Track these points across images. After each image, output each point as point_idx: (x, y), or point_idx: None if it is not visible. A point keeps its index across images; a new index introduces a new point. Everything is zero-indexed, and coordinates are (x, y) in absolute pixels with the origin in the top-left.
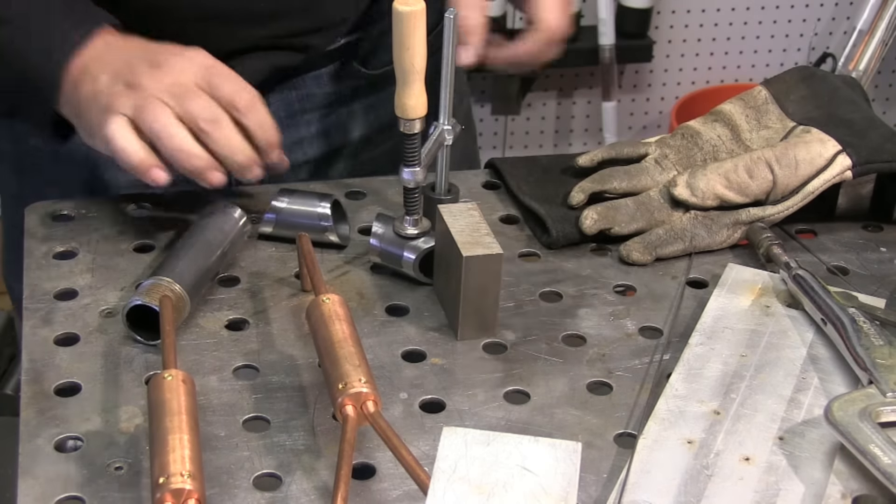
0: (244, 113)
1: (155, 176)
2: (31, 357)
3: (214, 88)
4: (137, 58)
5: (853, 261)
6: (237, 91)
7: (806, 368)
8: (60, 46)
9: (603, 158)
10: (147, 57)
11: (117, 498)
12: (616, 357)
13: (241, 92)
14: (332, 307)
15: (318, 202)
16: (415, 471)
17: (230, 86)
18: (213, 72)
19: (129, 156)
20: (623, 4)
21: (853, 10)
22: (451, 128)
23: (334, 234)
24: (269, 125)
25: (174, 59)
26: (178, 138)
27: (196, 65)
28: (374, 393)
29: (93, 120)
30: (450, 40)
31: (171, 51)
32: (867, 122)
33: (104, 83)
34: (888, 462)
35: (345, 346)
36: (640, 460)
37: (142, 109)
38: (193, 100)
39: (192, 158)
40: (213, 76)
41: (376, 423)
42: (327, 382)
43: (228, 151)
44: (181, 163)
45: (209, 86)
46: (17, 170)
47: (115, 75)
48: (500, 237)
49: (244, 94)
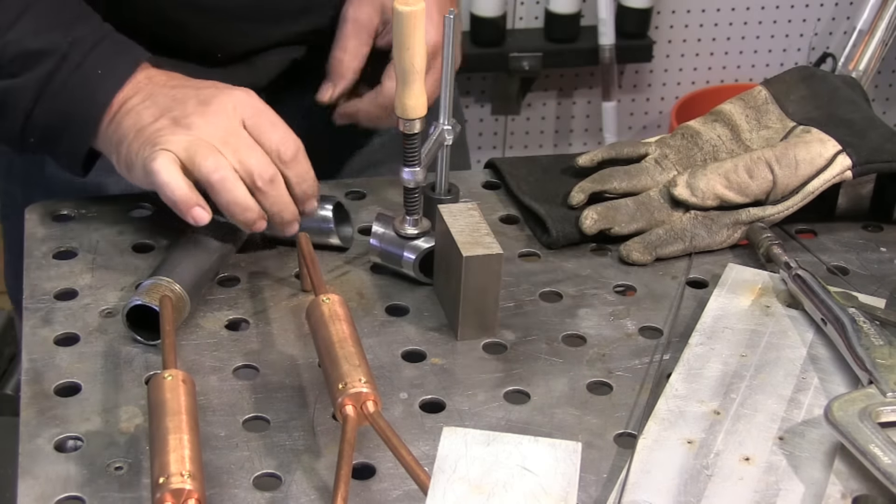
0: (288, 164)
1: (196, 215)
2: (31, 357)
3: (261, 134)
4: (183, 94)
5: (853, 261)
6: (283, 140)
7: (806, 368)
8: (103, 83)
9: (603, 158)
10: (193, 93)
11: (117, 498)
12: (616, 357)
13: (286, 141)
14: (332, 307)
15: (321, 204)
16: (415, 471)
17: (277, 134)
18: (261, 117)
19: (173, 191)
20: (623, 4)
21: (853, 10)
22: (451, 128)
23: (336, 236)
24: (310, 177)
25: (222, 97)
26: (235, 192)
27: (244, 106)
28: (374, 393)
29: (135, 154)
30: (450, 40)
31: (218, 88)
32: (867, 122)
33: (148, 118)
34: (888, 462)
35: (345, 347)
36: (640, 460)
37: (196, 154)
38: (250, 154)
39: (246, 212)
40: (261, 122)
41: (376, 423)
42: (327, 382)
43: (278, 209)
44: (234, 214)
45: (257, 130)
46: (17, 173)
47: (161, 110)
48: (500, 237)
49: (290, 143)
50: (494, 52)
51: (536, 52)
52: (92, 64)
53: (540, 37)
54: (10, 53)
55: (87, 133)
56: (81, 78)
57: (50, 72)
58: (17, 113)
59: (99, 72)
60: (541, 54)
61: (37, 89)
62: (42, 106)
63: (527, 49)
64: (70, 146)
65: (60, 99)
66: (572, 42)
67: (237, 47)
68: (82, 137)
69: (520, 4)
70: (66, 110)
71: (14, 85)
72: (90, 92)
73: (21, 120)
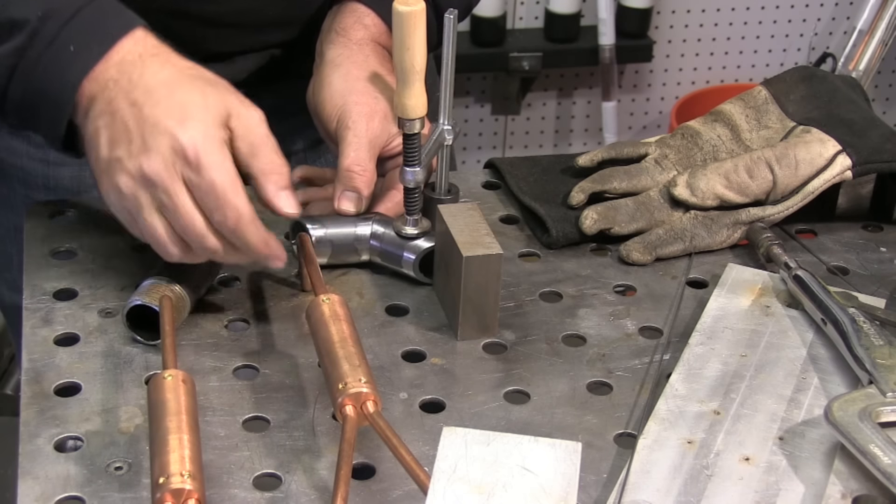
0: (230, 229)
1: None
2: (31, 357)
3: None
4: (137, 121)
5: (853, 261)
6: (220, 205)
7: (806, 368)
8: (74, 63)
9: (603, 158)
10: (141, 126)
11: (117, 498)
12: (616, 357)
13: (225, 206)
14: (333, 307)
15: (357, 223)
16: (415, 471)
17: (214, 196)
18: (199, 163)
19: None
20: (623, 4)
21: (853, 10)
22: (451, 128)
23: (367, 254)
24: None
25: (163, 140)
26: (169, 251)
27: (183, 152)
28: (374, 393)
29: (98, 177)
30: (450, 40)
31: (167, 122)
32: (867, 122)
33: (103, 146)
34: (888, 462)
35: (345, 347)
36: (640, 460)
37: (135, 211)
38: (177, 216)
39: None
40: (199, 167)
41: (376, 423)
42: (327, 382)
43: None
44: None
45: (195, 178)
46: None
47: (110, 142)
48: (500, 237)
49: (229, 208)
50: (494, 52)
51: (536, 52)
52: (64, 40)
53: (540, 37)
54: None
55: (61, 115)
56: (53, 54)
57: (21, 46)
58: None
59: (71, 48)
60: (541, 54)
61: (9, 66)
62: (16, 83)
63: (527, 49)
64: (48, 127)
65: (34, 77)
66: (572, 42)
67: (218, 49)
68: (57, 119)
69: (520, 4)
70: (40, 88)
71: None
72: (60, 72)
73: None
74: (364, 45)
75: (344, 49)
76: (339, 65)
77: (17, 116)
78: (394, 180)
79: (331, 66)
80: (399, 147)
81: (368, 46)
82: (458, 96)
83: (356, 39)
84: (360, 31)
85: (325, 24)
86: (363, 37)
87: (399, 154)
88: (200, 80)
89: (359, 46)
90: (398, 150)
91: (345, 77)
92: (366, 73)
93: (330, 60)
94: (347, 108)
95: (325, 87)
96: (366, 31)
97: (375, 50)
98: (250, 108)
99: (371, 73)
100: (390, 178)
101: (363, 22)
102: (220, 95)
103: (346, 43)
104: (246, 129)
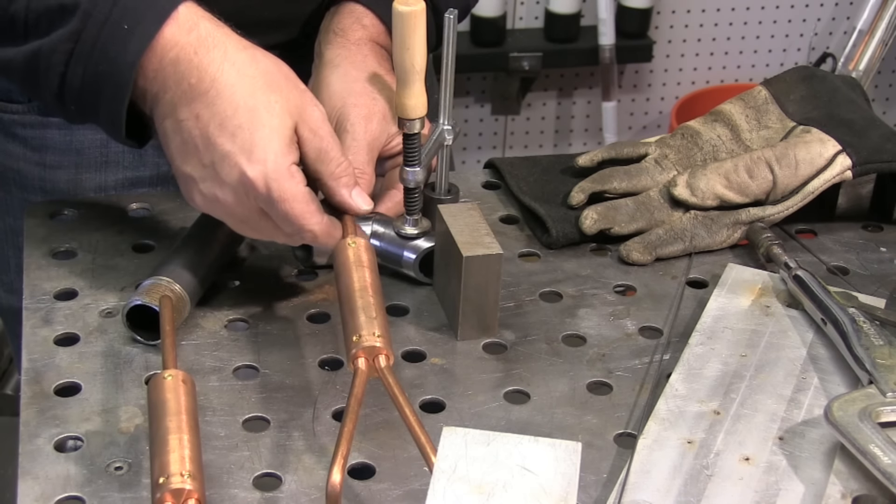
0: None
1: None
2: (31, 357)
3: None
4: (205, 139)
5: (853, 261)
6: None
7: (806, 368)
8: (129, 42)
9: (603, 158)
10: (210, 151)
11: (117, 498)
12: (616, 357)
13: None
14: (358, 252)
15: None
16: (416, 431)
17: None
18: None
19: None
20: (623, 4)
21: (853, 10)
22: (451, 128)
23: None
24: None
25: (234, 173)
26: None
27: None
28: (387, 348)
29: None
30: (450, 40)
31: (237, 154)
32: (867, 122)
33: (174, 150)
34: (888, 462)
35: (364, 296)
36: (640, 460)
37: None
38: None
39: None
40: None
41: (385, 378)
42: (344, 331)
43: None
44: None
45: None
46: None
47: (182, 150)
48: (500, 237)
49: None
50: (494, 52)
51: (536, 52)
52: (117, 18)
53: (540, 37)
54: (34, 11)
55: (121, 95)
56: (109, 34)
57: (76, 30)
58: (50, 76)
59: (125, 26)
60: (541, 54)
61: (66, 51)
62: (73, 67)
63: (527, 49)
64: (108, 113)
65: (91, 60)
66: (572, 42)
67: None
68: (117, 102)
69: (520, 4)
70: (98, 71)
71: (43, 46)
72: (116, 52)
73: (56, 84)
74: (362, 45)
75: (342, 49)
76: (338, 65)
77: (77, 103)
78: (393, 180)
79: (329, 66)
80: (398, 147)
81: (367, 46)
82: (458, 96)
83: (354, 39)
84: (358, 32)
85: (323, 24)
86: (361, 37)
87: (398, 154)
88: (263, 84)
89: (357, 46)
90: (398, 150)
91: (343, 77)
92: (364, 73)
93: (328, 61)
94: (346, 110)
95: (324, 87)
96: (364, 31)
97: (374, 50)
98: (312, 105)
99: (369, 72)
100: (390, 178)
101: (361, 22)
102: (284, 103)
103: (344, 43)
104: (312, 133)
